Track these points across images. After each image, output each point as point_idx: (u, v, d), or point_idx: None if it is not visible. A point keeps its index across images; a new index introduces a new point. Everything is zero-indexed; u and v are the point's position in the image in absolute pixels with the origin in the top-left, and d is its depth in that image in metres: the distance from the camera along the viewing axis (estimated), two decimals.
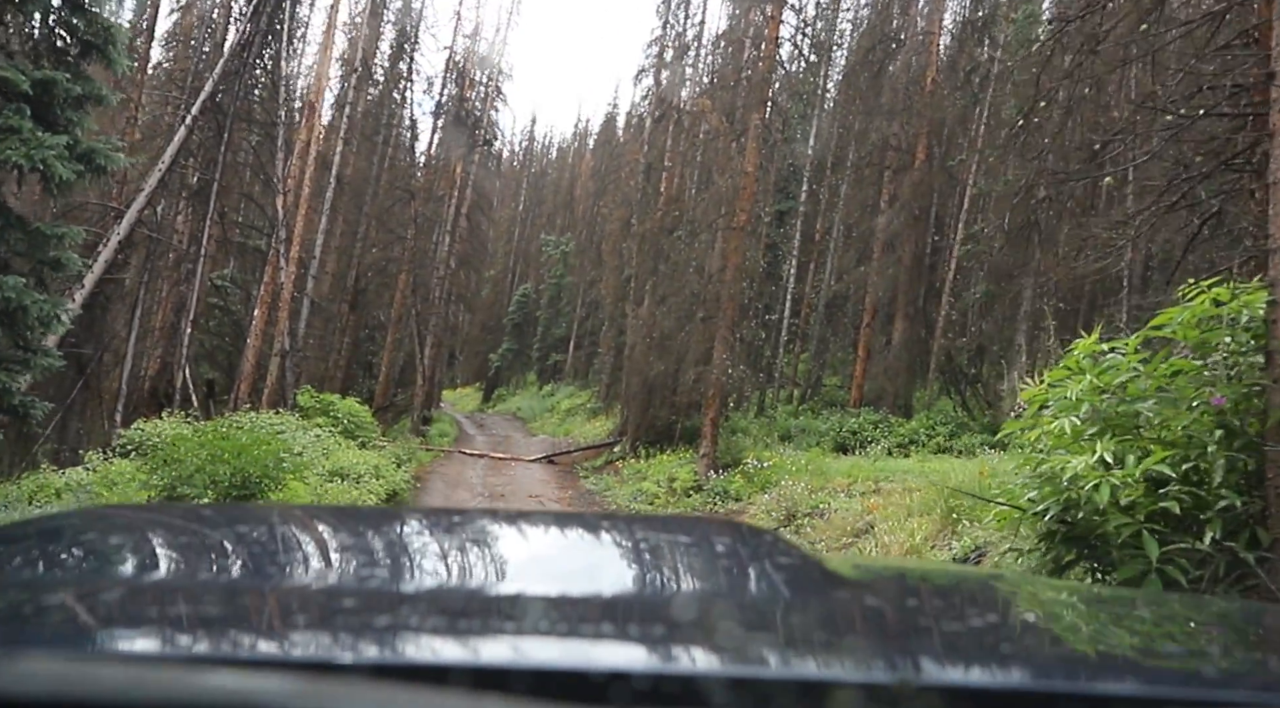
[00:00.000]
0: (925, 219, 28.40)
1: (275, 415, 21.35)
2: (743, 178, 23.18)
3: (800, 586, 1.46)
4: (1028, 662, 1.17)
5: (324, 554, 1.61)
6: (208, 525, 1.80)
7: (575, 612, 1.24)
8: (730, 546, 1.72)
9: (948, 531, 9.07)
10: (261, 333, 23.44)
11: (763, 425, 27.47)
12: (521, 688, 0.88)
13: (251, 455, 13.06)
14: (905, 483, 20.02)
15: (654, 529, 1.92)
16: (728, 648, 1.07)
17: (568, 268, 61.67)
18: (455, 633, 1.12)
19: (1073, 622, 1.53)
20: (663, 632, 1.18)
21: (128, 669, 0.84)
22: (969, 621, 1.45)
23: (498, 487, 24.62)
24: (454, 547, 1.67)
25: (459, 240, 38.23)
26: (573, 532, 1.87)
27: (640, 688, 0.88)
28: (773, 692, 0.91)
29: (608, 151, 61.83)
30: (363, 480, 18.99)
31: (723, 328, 23.16)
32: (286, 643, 1.06)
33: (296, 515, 2.03)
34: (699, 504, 22.04)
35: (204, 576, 1.42)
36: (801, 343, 35.48)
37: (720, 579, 1.55)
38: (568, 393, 52.47)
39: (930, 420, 25.82)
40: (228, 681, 0.75)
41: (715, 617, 1.24)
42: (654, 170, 32.50)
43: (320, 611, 1.22)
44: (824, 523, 13.72)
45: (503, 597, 1.32)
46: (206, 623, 1.15)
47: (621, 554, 1.72)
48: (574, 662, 0.99)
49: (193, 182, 26.32)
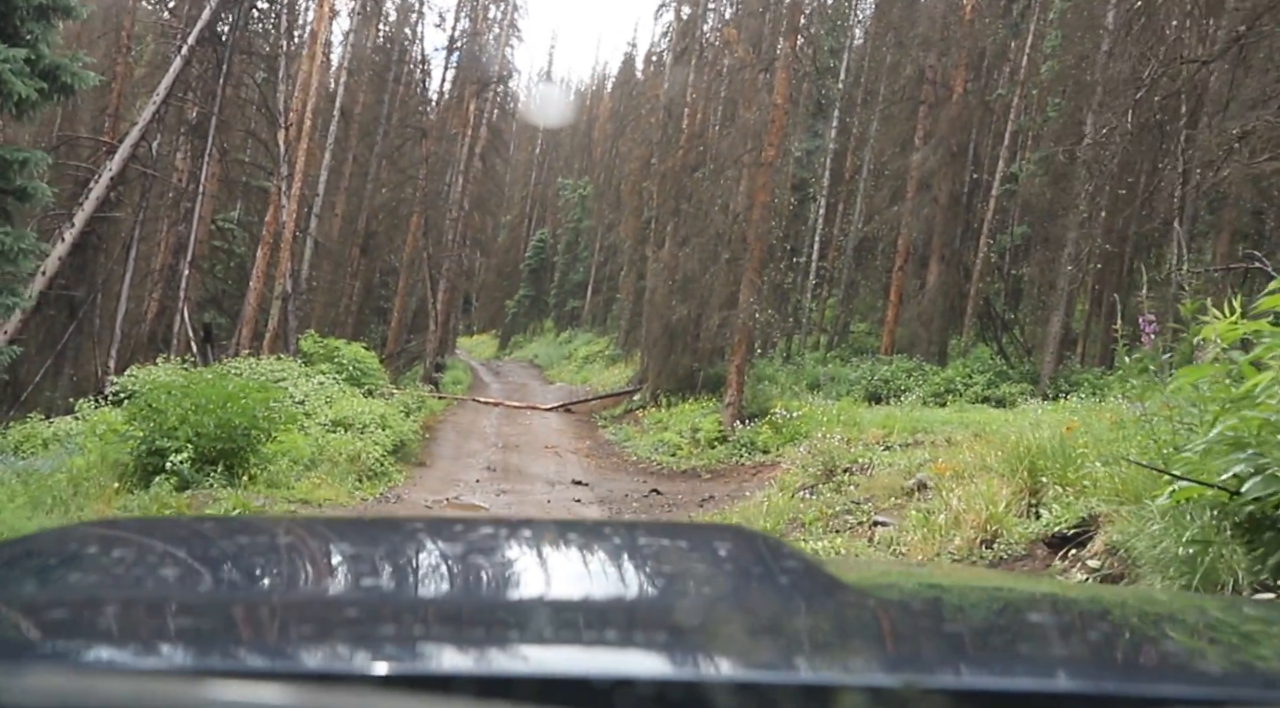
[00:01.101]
0: (963, 156, 26.85)
1: (276, 361, 20.22)
2: (772, 111, 21.72)
3: (804, 591, 1.47)
4: (1034, 664, 1.16)
5: (326, 565, 1.60)
6: (210, 538, 1.75)
7: (579, 619, 1.25)
8: (733, 551, 1.72)
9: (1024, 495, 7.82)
10: (263, 275, 22.24)
11: (790, 373, 26.20)
12: (527, 696, 0.87)
13: (239, 405, 11.90)
14: (947, 435, 18.81)
15: (657, 536, 1.96)
16: (732, 654, 1.07)
17: (585, 212, 60.28)
18: (460, 642, 1.11)
19: (1076, 624, 1.48)
20: (667, 638, 1.18)
21: (131, 683, 0.82)
22: (974, 623, 1.47)
23: (512, 437, 23.51)
24: (457, 556, 1.64)
25: (473, 181, 36.83)
26: (576, 539, 1.82)
27: (645, 694, 0.88)
28: (777, 697, 0.89)
29: (626, 92, 60.09)
30: (367, 431, 17.86)
31: (749, 270, 21.83)
32: (290, 655, 1.05)
33: (299, 527, 2.06)
34: (724, 456, 20.89)
35: (206, 588, 1.41)
36: (829, 287, 34.03)
37: (724, 585, 1.54)
38: (585, 340, 51.41)
39: (967, 368, 24.51)
40: (232, 693, 0.75)
41: (719, 623, 1.24)
42: (675, 106, 30.89)
43: (324, 622, 1.21)
44: (867, 480, 12.48)
45: (507, 605, 1.34)
46: (210, 636, 1.15)
47: (625, 561, 1.69)
48: (579, 669, 0.98)
49: (192, 117, 25.01)
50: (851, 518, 10.84)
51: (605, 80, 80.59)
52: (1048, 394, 23.12)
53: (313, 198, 25.69)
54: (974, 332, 26.96)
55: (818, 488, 13.09)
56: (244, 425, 11.84)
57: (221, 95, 23.48)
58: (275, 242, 21.86)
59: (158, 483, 11.13)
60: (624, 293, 38.31)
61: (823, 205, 32.16)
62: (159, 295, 23.55)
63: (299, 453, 15.17)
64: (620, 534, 1.99)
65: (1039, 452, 8.00)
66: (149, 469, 11.53)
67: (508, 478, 18.21)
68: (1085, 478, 6.73)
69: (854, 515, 10.89)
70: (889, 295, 27.30)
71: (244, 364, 19.64)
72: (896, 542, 8.52)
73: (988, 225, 26.20)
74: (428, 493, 15.80)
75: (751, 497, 15.34)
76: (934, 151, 25.72)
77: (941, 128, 25.79)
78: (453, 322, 50.45)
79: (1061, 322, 24.27)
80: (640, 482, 19.18)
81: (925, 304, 25.62)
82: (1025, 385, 23.74)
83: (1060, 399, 22.48)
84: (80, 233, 20.51)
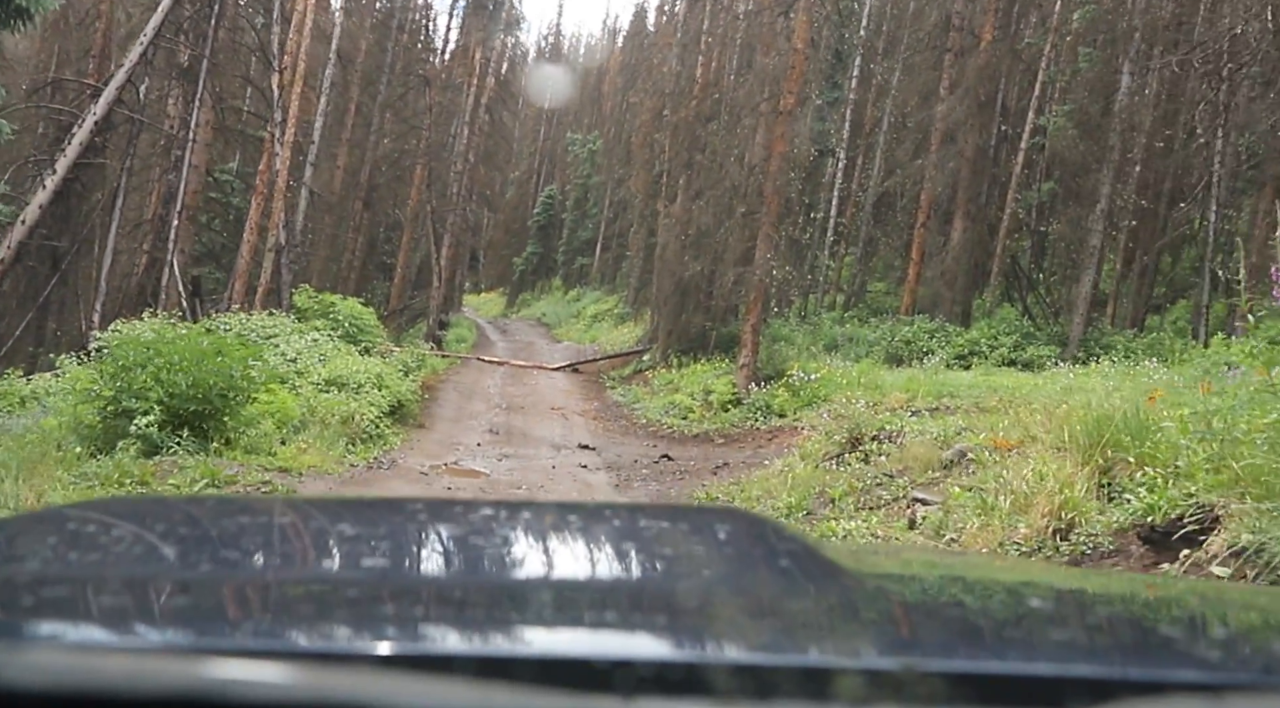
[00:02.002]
0: (990, 107, 25.57)
1: (268, 317, 19.23)
2: (792, 56, 20.50)
3: (804, 573, 1.47)
4: (1032, 648, 1.16)
5: (327, 546, 1.60)
6: (210, 517, 1.75)
7: (579, 601, 1.26)
8: (733, 534, 1.72)
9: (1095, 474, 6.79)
10: (257, 227, 21.20)
11: (806, 334, 25.13)
12: (527, 677, 0.88)
13: (214, 363, 10.89)
14: (975, 400, 17.78)
15: (657, 518, 1.98)
16: (731, 636, 1.08)
17: (595, 167, 59.04)
18: (460, 623, 1.11)
19: (1078, 608, 1.49)
20: (666, 620, 1.19)
21: (132, 660, 0.84)
22: (973, 607, 1.46)
23: (517, 398, 22.54)
24: (457, 537, 1.64)
25: (479, 133, 35.67)
26: (576, 521, 1.80)
27: (644, 675, 0.88)
28: (776, 679, 0.89)
29: (637, 44, 58.63)
30: (363, 390, 16.90)
31: (766, 224, 20.71)
32: (291, 634, 1.04)
33: (299, 507, 2.07)
34: (738, 420, 19.90)
35: (207, 567, 1.41)
36: (845, 245, 32.82)
37: (723, 568, 1.54)
38: (594, 298, 50.48)
39: (992, 330, 23.42)
40: (232, 671, 0.75)
41: (718, 604, 1.24)
42: (689, 54, 29.58)
43: (324, 602, 1.21)
44: (898, 450, 11.47)
45: (507, 586, 1.34)
46: (210, 614, 1.16)
47: (625, 543, 1.69)
48: (578, 650, 0.98)
49: (184, 61, 23.85)
50: (885, 493, 9.84)
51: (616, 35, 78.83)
52: (1078, 357, 22.09)
53: (308, 145, 24.52)
54: (999, 292, 25.83)
55: (844, 458, 12.07)
56: (220, 386, 10.83)
57: (214, 37, 22.31)
58: (269, 192, 20.78)
59: (121, 448, 10.16)
60: (634, 249, 37.22)
61: (842, 159, 30.88)
62: (149, 248, 22.52)
63: (288, 414, 14.23)
64: (620, 517, 1.98)
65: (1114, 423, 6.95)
66: (116, 432, 10.56)
67: (510, 442, 17.32)
68: (1179, 458, 5.68)
69: (888, 490, 9.89)
70: (911, 253, 26.14)
71: (234, 320, 18.67)
72: (943, 525, 7.50)
73: (1015, 180, 24.97)
74: (425, 458, 14.85)
75: (770, 465, 14.35)
76: (960, 102, 24.46)
77: (968, 77, 24.51)
78: (459, 279, 49.44)
79: (1092, 281, 23.17)
80: (650, 446, 18.29)
81: (949, 262, 24.48)
82: (1053, 348, 22.68)
83: (1091, 363, 21.50)
84: (63, 180, 19.46)
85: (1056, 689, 0.92)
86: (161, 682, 0.73)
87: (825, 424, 13.71)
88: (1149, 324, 26.23)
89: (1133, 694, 0.90)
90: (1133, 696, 0.90)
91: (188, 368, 10.75)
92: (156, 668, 0.78)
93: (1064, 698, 0.91)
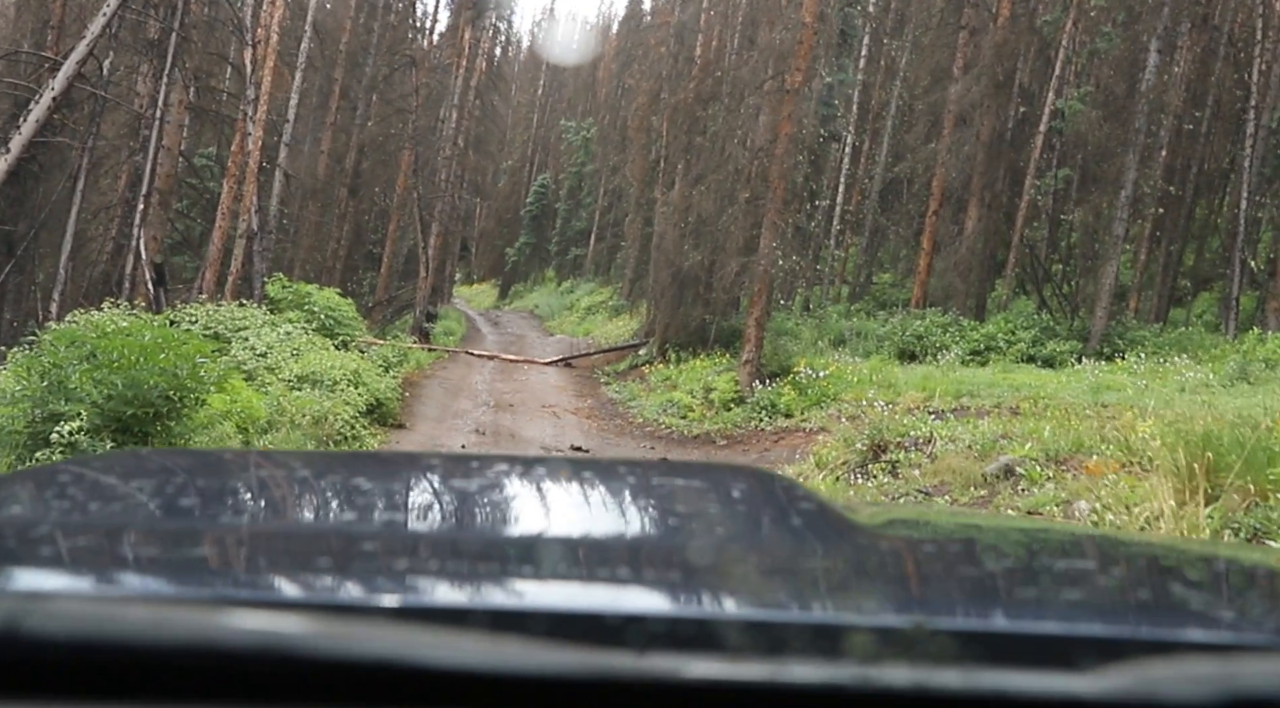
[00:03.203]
0: (1008, 88, 24.24)
1: (238, 308, 17.86)
2: (800, 30, 19.15)
3: (816, 531, 1.47)
4: (1043, 607, 1.15)
5: (343, 500, 1.60)
6: (229, 469, 1.77)
7: (592, 556, 1.25)
8: (747, 492, 1.72)
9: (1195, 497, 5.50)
10: (229, 212, 19.80)
11: (812, 328, 23.81)
12: (539, 631, 0.88)
13: (156, 361, 9.56)
14: (996, 399, 16.50)
15: (671, 475, 1.99)
16: (743, 592, 1.08)
17: (589, 155, 57.64)
18: (474, 577, 1.12)
19: (1089, 568, 1.46)
20: (679, 576, 1.19)
21: (152, 610, 0.84)
22: (985, 566, 1.46)
23: (506, 395, 21.22)
24: (471, 493, 1.66)
25: (468, 118, 34.26)
26: (589, 477, 1.78)
27: (656, 631, 0.89)
28: (787, 635, 0.90)
29: (633, 27, 57.16)
30: (338, 388, 15.56)
31: (771, 211, 19.37)
32: (308, 586, 1.06)
33: (317, 461, 2.12)
34: (741, 419, 18.62)
35: (226, 519, 1.43)
36: (850, 233, 31.42)
37: (737, 525, 1.55)
38: (588, 290, 49.19)
39: (1009, 324, 22.14)
40: (251, 621, 0.76)
41: (731, 562, 1.25)
42: (688, 33, 28.17)
43: (341, 555, 1.22)
44: (928, 461, 10.19)
45: (520, 541, 1.34)
46: (229, 565, 1.18)
47: (638, 500, 1.69)
48: (591, 605, 0.98)
49: (154, 35, 22.43)
50: None
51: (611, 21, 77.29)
52: (1101, 353, 20.84)
53: (283, 125, 23.07)
54: (1014, 284, 24.52)
55: (867, 468, 10.76)
56: (162, 386, 9.50)
57: (184, 9, 20.89)
58: (241, 174, 19.41)
59: (41, 458, 8.82)
60: (629, 239, 35.85)
61: (849, 143, 29.48)
62: (116, 234, 21.13)
63: (253, 414, 12.93)
64: (635, 473, 1.93)
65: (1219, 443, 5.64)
66: (41, 439, 9.22)
67: (499, 443, 16.10)
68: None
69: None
70: (922, 243, 24.84)
71: (200, 311, 17.31)
72: None
73: (1034, 165, 23.63)
74: None
75: (779, 470, 13.10)
76: (976, 82, 23.13)
77: (985, 56, 23.18)
78: (448, 269, 48.07)
79: (1115, 272, 21.89)
80: (647, 448, 17.12)
81: (963, 252, 23.17)
82: (1074, 343, 21.42)
83: (1116, 359, 20.25)
84: (17, 160, 18.05)
85: (1066, 648, 0.90)
86: (181, 631, 0.73)
87: (843, 429, 12.31)
88: (1172, 317, 24.97)
89: (1143, 654, 0.87)
90: (1143, 655, 0.86)
91: (124, 367, 9.40)
92: (176, 618, 0.78)
93: (1073, 657, 0.89)
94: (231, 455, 2.59)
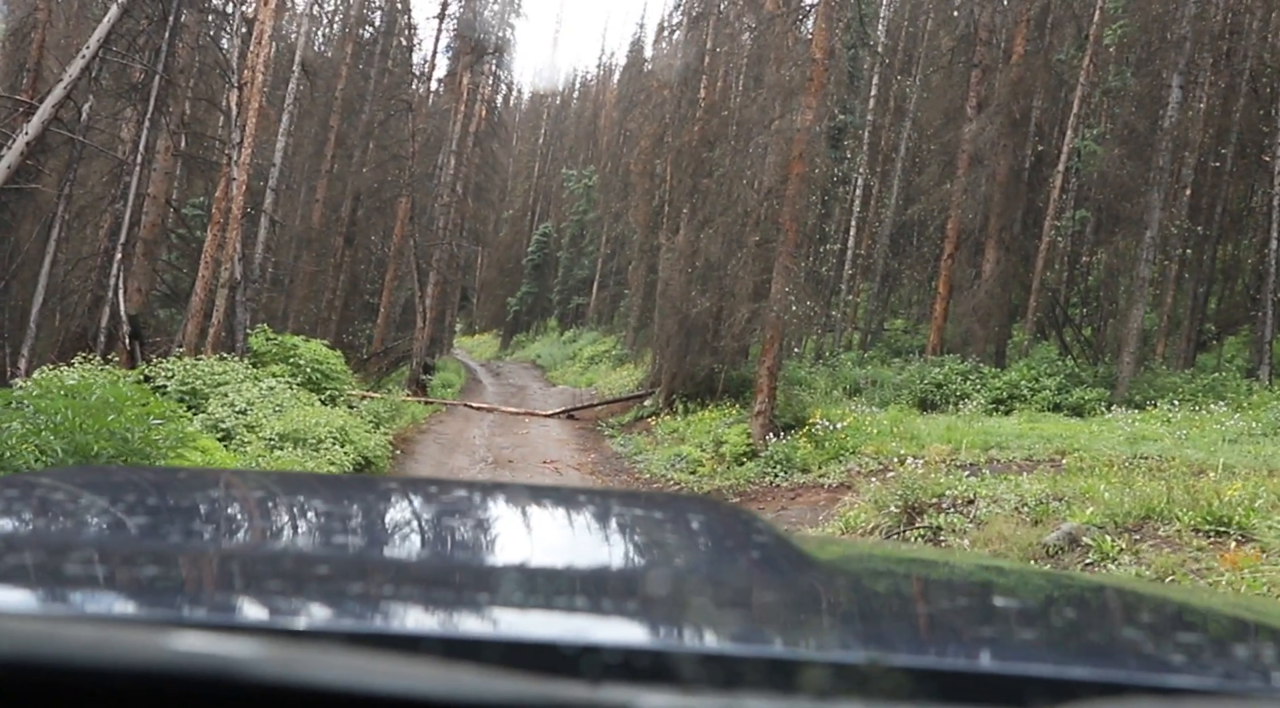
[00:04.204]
0: (1024, 126, 23.37)
1: (218, 362, 16.83)
2: (810, 67, 18.29)
3: (774, 565, 1.46)
4: (997, 645, 1.15)
5: (297, 521, 1.57)
6: (181, 488, 1.74)
7: (549, 585, 1.24)
8: (706, 523, 1.70)
9: None
10: (212, 261, 18.83)
11: (825, 376, 22.74)
12: (493, 659, 0.86)
13: (102, 424, 8.55)
14: (1027, 452, 15.42)
15: (631, 505, 1.95)
16: (699, 624, 1.07)
17: (591, 203, 56.91)
18: (428, 603, 1.10)
19: (1043, 608, 1.47)
20: (635, 607, 1.18)
21: (96, 630, 0.82)
22: (940, 604, 1.44)
23: (506, 450, 20.13)
24: (428, 517, 1.63)
25: (467, 164, 33.45)
26: (548, 505, 1.79)
27: (611, 662, 0.87)
28: (743, 669, 0.89)
29: (634, 74, 56.65)
30: (323, 447, 14.52)
31: (783, 254, 18.40)
32: (258, 608, 1.03)
33: (272, 481, 2.06)
34: (755, 475, 17.52)
35: (175, 539, 1.38)
36: (861, 278, 30.40)
37: (695, 556, 1.53)
38: (591, 339, 48.25)
39: (1032, 371, 21.08)
40: (197, 643, 0.74)
41: (688, 593, 1.23)
42: (692, 75, 27.37)
43: (292, 577, 1.19)
44: (972, 526, 9.09)
45: (477, 568, 1.32)
46: (177, 586, 1.14)
47: (597, 529, 1.67)
48: (546, 634, 0.97)
49: (138, 79, 21.62)
50: None
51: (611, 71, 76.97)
52: (1131, 400, 19.78)
53: (268, 168, 22.17)
54: (1034, 329, 23.47)
55: (902, 533, 9.66)
56: (108, 452, 8.48)
57: (168, 51, 20.06)
58: (225, 220, 18.47)
59: None
60: (633, 286, 34.87)
61: (859, 185, 28.55)
62: (95, 285, 20.15)
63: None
64: (595, 502, 1.93)
65: None
66: None
67: None
68: None
69: None
70: (938, 287, 23.82)
71: (177, 366, 16.28)
72: None
73: (1053, 205, 22.68)
74: None
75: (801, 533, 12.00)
76: (991, 120, 22.24)
77: (1000, 93, 22.32)
78: (448, 319, 47.12)
79: (1141, 316, 20.88)
80: None
81: (981, 296, 22.15)
82: (1101, 390, 20.36)
83: (1148, 407, 19.20)
84: None
85: (1019, 687, 0.90)
86: (123, 653, 0.72)
87: (873, 489, 11.16)
88: (1200, 362, 23.92)
89: (1094, 695, 0.88)
90: (1094, 696, 0.88)
91: (67, 430, 8.36)
92: (119, 639, 0.76)
93: (1026, 696, 0.89)
94: (188, 474, 2.51)
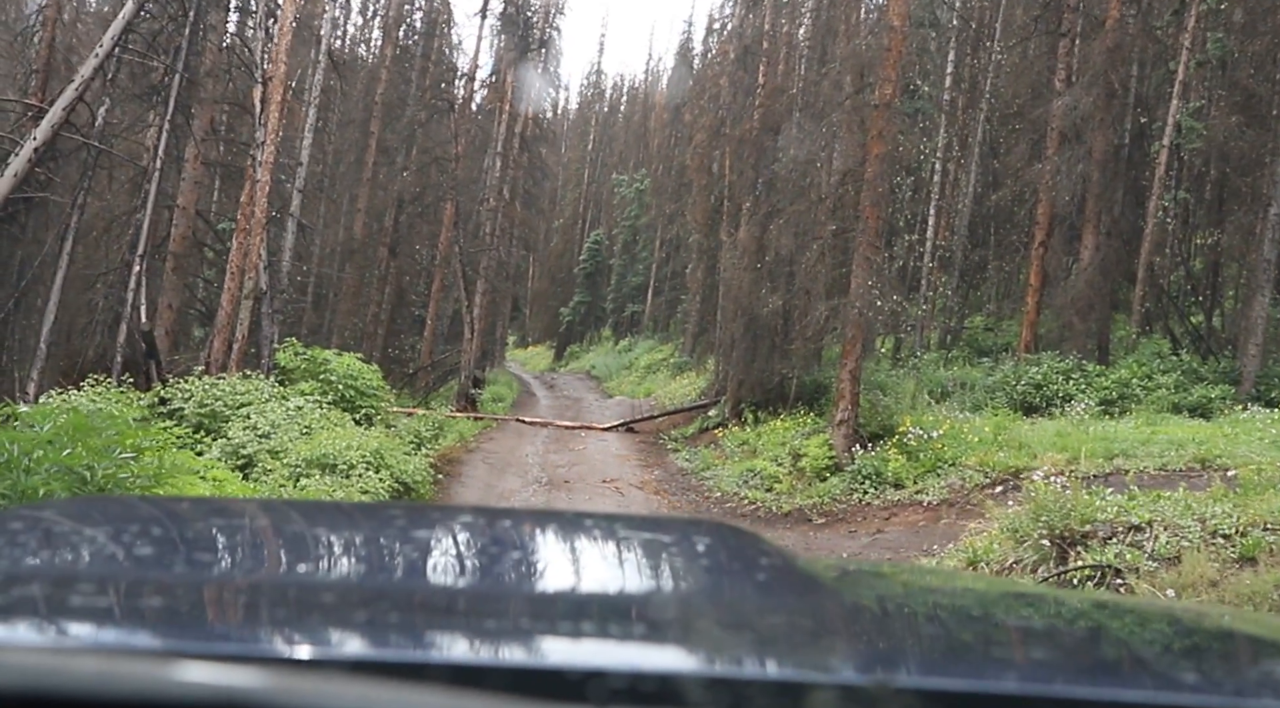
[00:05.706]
0: (1123, 98, 21.20)
1: (241, 380, 15.22)
2: (888, 36, 16.36)
3: (780, 587, 1.45)
4: (1004, 666, 1.15)
5: (303, 550, 1.57)
6: (186, 519, 1.72)
7: (555, 610, 1.23)
8: (711, 547, 1.68)
9: None
10: (238, 271, 17.27)
11: (909, 379, 20.69)
12: (499, 686, 0.87)
13: (56, 460, 6.91)
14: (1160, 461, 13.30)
15: (637, 529, 1.95)
16: (705, 648, 1.07)
17: (643, 207, 55.13)
18: (434, 630, 1.10)
19: (1051, 627, 1.45)
20: (641, 631, 1.18)
21: (102, 662, 0.81)
22: (947, 625, 1.44)
23: (561, 469, 18.35)
24: (434, 544, 1.61)
25: (513, 167, 31.79)
26: (555, 531, 1.78)
27: (617, 687, 0.87)
28: (749, 692, 0.89)
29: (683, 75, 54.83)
30: (354, 473, 12.81)
31: (863, 244, 16.45)
32: (263, 638, 1.03)
33: (277, 510, 2.04)
34: (840, 492, 15.61)
35: (181, 569, 1.37)
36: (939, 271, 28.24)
37: (700, 580, 1.52)
38: (647, 347, 46.46)
39: (1143, 368, 18.89)
40: (203, 674, 0.73)
41: (693, 617, 1.23)
42: (751, 57, 25.50)
43: (298, 606, 1.19)
44: (1158, 565, 7.11)
45: (481, 595, 1.31)
46: (182, 617, 1.14)
47: (602, 554, 1.67)
48: (552, 660, 0.97)
49: (159, 81, 20.17)
50: None
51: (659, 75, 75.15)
52: (1262, 397, 17.58)
53: (295, 168, 20.58)
54: (1141, 321, 21.22)
55: (1060, 576, 7.69)
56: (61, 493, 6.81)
57: (190, 49, 18.58)
58: (249, 226, 16.89)
59: None
60: (691, 290, 33.02)
61: (938, 169, 26.41)
62: (116, 303, 18.68)
63: None
64: (600, 527, 1.92)
65: None
66: None
67: None
68: None
69: None
70: (1030, 279, 21.66)
71: (196, 386, 14.69)
72: None
73: (1158, 184, 20.46)
74: None
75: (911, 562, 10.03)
76: (1086, 92, 20.08)
77: (1095, 62, 20.15)
78: (499, 330, 45.51)
79: (1267, 303, 18.63)
80: None
81: (1081, 287, 19.98)
82: (1225, 387, 18.13)
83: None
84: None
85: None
86: (129, 684, 0.71)
87: (1010, 516, 9.13)
88: None
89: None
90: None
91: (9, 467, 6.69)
92: (125, 670, 0.75)
93: None
94: (191, 504, 2.37)
